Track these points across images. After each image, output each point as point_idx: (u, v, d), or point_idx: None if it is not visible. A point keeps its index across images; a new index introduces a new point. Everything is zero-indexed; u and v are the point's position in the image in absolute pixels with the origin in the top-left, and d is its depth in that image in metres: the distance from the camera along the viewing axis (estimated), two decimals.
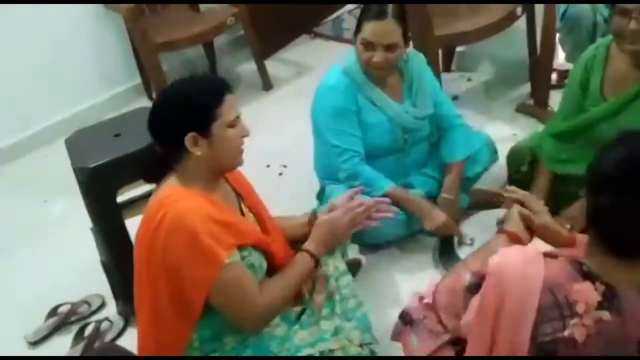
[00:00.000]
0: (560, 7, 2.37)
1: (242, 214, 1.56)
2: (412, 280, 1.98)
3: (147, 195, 2.25)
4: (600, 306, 1.04)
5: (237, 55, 3.64)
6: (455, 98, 2.95)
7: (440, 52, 3.07)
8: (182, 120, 1.39)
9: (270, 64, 3.46)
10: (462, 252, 2.02)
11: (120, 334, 1.98)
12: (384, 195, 1.96)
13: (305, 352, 1.47)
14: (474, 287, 1.22)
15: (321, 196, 2.19)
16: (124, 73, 3.29)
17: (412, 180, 2.11)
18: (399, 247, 2.13)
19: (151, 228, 1.40)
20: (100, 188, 1.83)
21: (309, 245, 1.58)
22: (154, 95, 3.17)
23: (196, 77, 1.50)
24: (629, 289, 1.06)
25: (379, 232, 1.93)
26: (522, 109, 2.74)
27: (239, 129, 1.46)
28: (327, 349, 1.47)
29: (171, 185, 1.45)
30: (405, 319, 1.49)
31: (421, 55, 2.09)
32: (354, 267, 2.00)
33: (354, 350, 1.48)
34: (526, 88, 2.86)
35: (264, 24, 3.38)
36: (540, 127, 2.57)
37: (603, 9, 2.31)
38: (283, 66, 3.54)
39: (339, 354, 1.46)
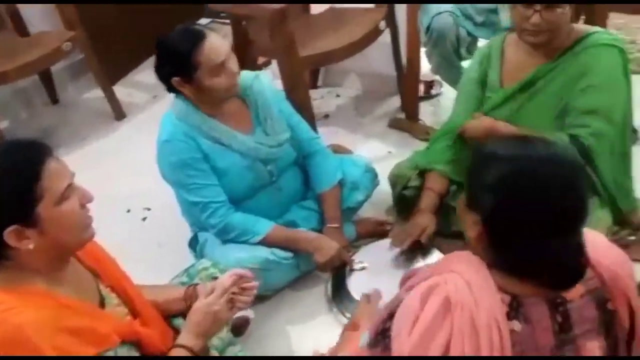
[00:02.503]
0: (424, 22, 2.33)
1: (102, 299, 1.28)
2: (306, 330, 1.82)
3: None
4: (509, 317, 0.99)
5: (80, 81, 3.25)
6: (326, 116, 2.85)
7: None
8: None
9: (120, 90, 3.13)
10: (353, 281, 1.87)
11: None
12: (264, 239, 1.78)
13: None
14: (376, 338, 1.11)
15: (194, 244, 1.95)
16: None
17: (293, 217, 1.94)
18: (289, 290, 1.94)
19: None
20: None
21: (184, 339, 1.31)
22: None
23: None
24: (532, 297, 1.01)
25: (268, 284, 1.74)
26: (394, 124, 2.69)
27: (76, 198, 1.16)
28: None
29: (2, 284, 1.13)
30: None
31: (261, 77, 1.88)
32: (241, 326, 1.80)
33: None
34: (395, 101, 2.82)
35: (108, 45, 3.04)
36: (413, 142, 2.55)
37: (466, 24, 2.30)
38: (136, 91, 3.22)
39: None
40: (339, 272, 1.89)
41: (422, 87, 2.78)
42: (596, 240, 1.09)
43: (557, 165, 0.98)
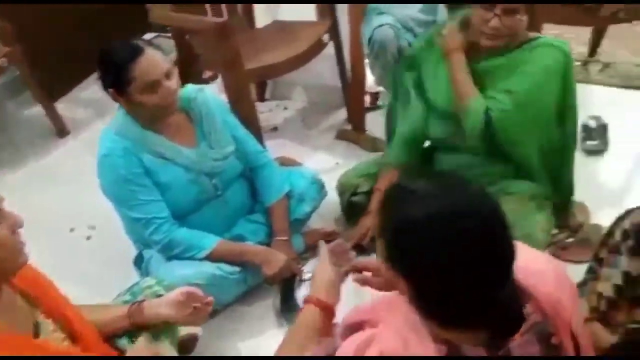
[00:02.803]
0: (366, 34, 2.37)
1: (37, 327, 1.23)
2: (255, 345, 1.81)
3: None
4: None
5: (21, 97, 3.16)
6: (274, 129, 2.85)
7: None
8: None
9: (63, 106, 3.05)
10: (302, 292, 1.86)
11: None
12: (211, 254, 1.76)
13: None
14: None
15: (139, 263, 1.91)
16: None
17: (241, 231, 1.93)
18: (238, 305, 1.93)
19: None
20: None
21: None
22: None
23: None
24: (471, 345, 0.97)
25: (216, 300, 1.71)
26: (341, 136, 2.71)
27: (5, 225, 1.12)
28: None
29: None
30: None
31: (206, 90, 1.88)
32: (189, 343, 1.77)
33: None
34: (342, 113, 2.84)
35: (48, 61, 2.96)
36: (361, 153, 2.58)
37: (407, 35, 2.35)
38: (79, 107, 3.15)
39: None
40: (287, 284, 1.89)
41: (368, 99, 2.81)
42: (533, 267, 1.04)
43: (478, 213, 0.92)
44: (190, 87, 1.85)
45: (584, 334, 1.08)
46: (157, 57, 1.65)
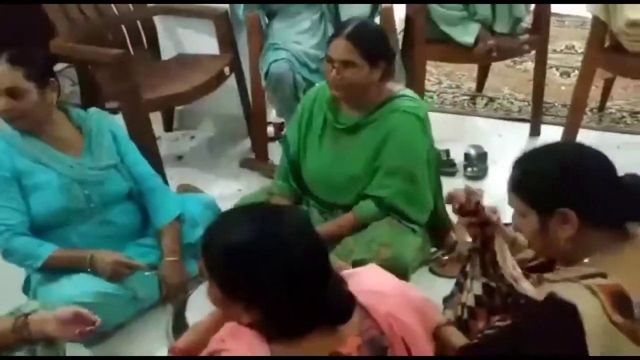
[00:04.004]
0: (263, 68, 2.50)
1: None
2: None
3: None
4: None
5: None
6: (180, 158, 2.92)
7: (159, 112, 3.05)
8: None
9: None
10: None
11: None
12: (47, 262, 1.80)
13: None
14: None
15: (27, 288, 1.94)
16: None
17: (129, 254, 1.95)
18: (130, 327, 1.95)
19: None
20: None
21: None
22: None
23: None
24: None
25: (106, 320, 1.72)
26: (245, 164, 2.82)
27: None
28: None
29: None
30: None
31: (103, 113, 2.00)
32: None
33: None
34: (247, 142, 2.95)
35: None
36: (263, 181, 2.69)
37: (302, 70, 2.50)
38: None
39: None
40: (181, 304, 1.93)
41: (272, 129, 2.95)
42: (376, 289, 1.19)
43: (294, 226, 1.06)
44: (93, 108, 1.95)
45: (428, 342, 1.22)
46: (3, 71, 1.73)
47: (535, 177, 1.30)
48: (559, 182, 1.26)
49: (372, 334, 1.13)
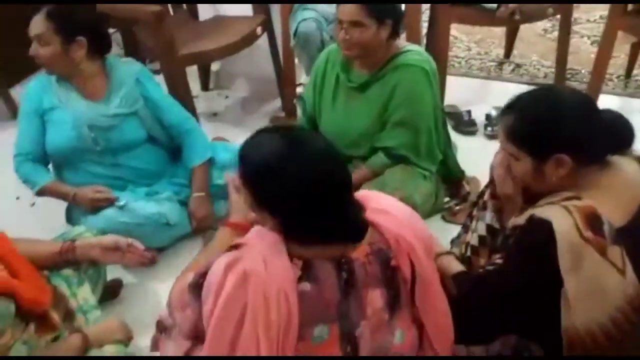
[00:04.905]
0: (292, 27, 2.63)
1: None
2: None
3: None
4: (300, 280, 1.16)
5: None
6: (214, 114, 3.10)
7: (197, 72, 3.23)
8: None
9: (16, 92, 3.25)
10: None
11: None
12: (43, 189, 2.07)
13: None
14: (194, 287, 1.25)
15: (69, 217, 2.19)
16: None
17: (158, 188, 2.15)
18: (162, 258, 2.13)
19: None
20: None
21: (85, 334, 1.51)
22: None
23: None
24: (321, 260, 1.18)
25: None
26: (274, 121, 2.97)
27: None
28: None
29: None
30: (160, 326, 1.53)
31: (131, 61, 2.18)
32: (115, 288, 1.99)
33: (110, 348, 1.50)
34: (277, 102, 3.10)
35: (4, 52, 3.16)
36: None
37: (328, 28, 2.62)
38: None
39: None
40: (210, 236, 2.11)
41: (301, 89, 3.08)
42: (386, 210, 1.27)
43: (314, 150, 1.17)
44: (124, 58, 2.17)
45: (430, 265, 1.31)
46: (36, 19, 1.94)
47: (531, 126, 1.35)
48: (555, 130, 1.32)
49: (379, 246, 1.22)
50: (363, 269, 1.20)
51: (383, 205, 1.29)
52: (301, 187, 1.14)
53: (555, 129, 1.33)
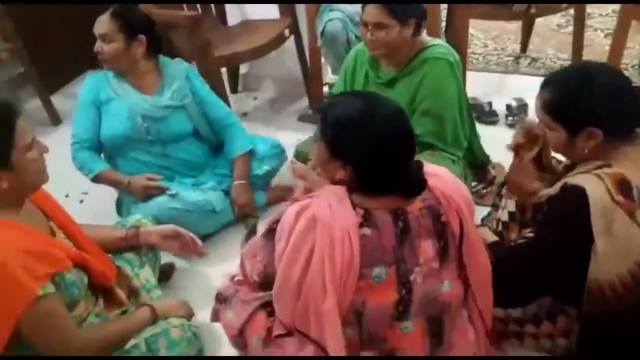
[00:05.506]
0: (319, 28, 2.77)
1: (53, 234, 1.57)
2: (219, 270, 2.12)
3: None
4: (361, 225, 1.30)
5: (22, 91, 3.51)
6: (244, 114, 3.24)
7: (226, 74, 3.37)
8: None
9: (56, 100, 3.41)
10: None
11: None
12: (97, 176, 2.22)
13: (131, 343, 1.56)
14: (268, 232, 1.41)
15: (119, 209, 2.34)
16: None
17: (202, 179, 2.30)
18: (209, 244, 2.26)
19: None
20: None
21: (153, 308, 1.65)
22: None
23: None
24: (380, 210, 1.32)
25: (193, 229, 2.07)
26: (303, 118, 3.11)
27: (37, 149, 1.47)
28: (150, 334, 1.58)
29: None
30: (219, 298, 1.66)
31: (180, 61, 2.35)
32: (168, 271, 2.12)
33: (176, 331, 1.60)
34: (304, 102, 3.24)
35: (45, 59, 3.33)
36: None
37: (354, 29, 2.76)
38: (70, 100, 3.50)
39: (162, 337, 1.58)
40: (253, 224, 2.24)
41: (327, 89, 3.21)
42: (442, 175, 1.42)
43: (388, 109, 1.32)
44: (176, 58, 2.33)
45: (474, 229, 1.43)
46: (102, 19, 2.11)
47: (566, 100, 1.47)
48: (588, 104, 1.44)
49: (431, 202, 1.35)
50: (417, 221, 1.33)
51: (435, 169, 1.43)
52: (377, 141, 1.28)
53: (588, 103, 1.44)
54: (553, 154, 1.72)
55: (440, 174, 1.42)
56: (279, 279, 1.35)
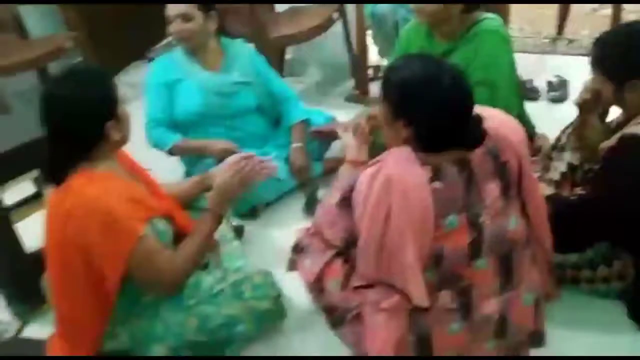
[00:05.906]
0: (368, 9, 2.91)
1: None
2: (285, 233, 2.19)
3: (35, 196, 2.32)
4: (432, 180, 1.39)
5: None
6: None
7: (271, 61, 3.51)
8: (102, 110, 1.50)
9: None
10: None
11: (18, 334, 1.99)
12: (174, 148, 2.36)
13: (217, 288, 1.69)
14: (343, 200, 1.52)
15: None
16: None
17: (268, 150, 2.43)
18: (272, 212, 2.43)
19: (61, 216, 1.48)
20: None
21: (210, 206, 1.71)
22: None
23: (81, 68, 1.64)
24: (446, 163, 1.42)
25: (257, 195, 2.25)
26: (350, 99, 3.24)
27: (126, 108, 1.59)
28: (234, 279, 1.71)
29: (76, 173, 1.52)
30: (297, 248, 1.80)
31: (243, 42, 2.50)
32: (238, 233, 2.27)
33: (258, 278, 1.73)
34: (350, 84, 3.36)
35: (101, 49, 3.50)
36: (366, 110, 3.08)
37: (401, 10, 2.88)
38: (122, 88, 3.67)
39: (246, 282, 1.71)
40: (313, 189, 2.41)
41: (371, 71, 3.34)
42: (495, 116, 1.51)
43: (448, 70, 1.40)
44: (237, 39, 2.49)
45: (530, 167, 1.53)
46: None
47: (608, 54, 1.63)
48: (629, 57, 1.59)
49: (489, 145, 1.44)
50: (480, 167, 1.43)
51: (490, 112, 1.52)
52: (442, 100, 1.38)
53: (630, 57, 1.58)
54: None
55: (496, 115, 1.51)
56: (362, 238, 1.46)
